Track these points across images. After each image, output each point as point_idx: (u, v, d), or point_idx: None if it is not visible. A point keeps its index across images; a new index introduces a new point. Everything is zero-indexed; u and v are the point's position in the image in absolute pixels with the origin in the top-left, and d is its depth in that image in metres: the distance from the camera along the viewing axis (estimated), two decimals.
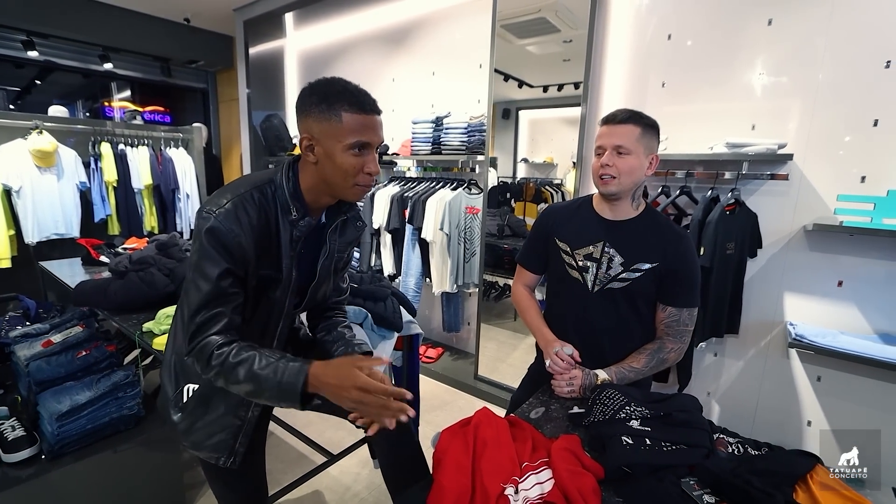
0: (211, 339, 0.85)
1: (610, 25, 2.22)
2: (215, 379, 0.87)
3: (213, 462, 1.00)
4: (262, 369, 0.82)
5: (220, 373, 0.85)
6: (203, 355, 0.85)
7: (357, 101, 0.86)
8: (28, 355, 1.66)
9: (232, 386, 0.86)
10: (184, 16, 4.52)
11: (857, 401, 1.80)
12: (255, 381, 0.82)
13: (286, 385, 0.81)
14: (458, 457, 0.77)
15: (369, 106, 0.87)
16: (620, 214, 1.24)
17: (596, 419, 0.93)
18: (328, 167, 0.89)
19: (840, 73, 1.71)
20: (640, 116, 1.17)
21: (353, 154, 0.87)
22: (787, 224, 1.87)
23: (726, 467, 0.79)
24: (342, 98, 0.85)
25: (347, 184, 0.90)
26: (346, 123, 0.85)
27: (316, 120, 0.87)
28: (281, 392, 0.81)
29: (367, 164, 0.89)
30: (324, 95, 0.86)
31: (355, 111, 0.85)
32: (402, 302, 1.78)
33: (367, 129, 0.87)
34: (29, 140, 3.03)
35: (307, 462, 1.97)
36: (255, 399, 0.89)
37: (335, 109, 0.85)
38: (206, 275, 0.84)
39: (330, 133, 0.86)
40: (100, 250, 2.49)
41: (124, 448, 1.51)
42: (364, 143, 0.87)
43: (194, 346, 0.85)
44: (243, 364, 0.83)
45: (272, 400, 0.85)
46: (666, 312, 1.21)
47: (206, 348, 0.84)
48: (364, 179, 0.90)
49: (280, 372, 0.82)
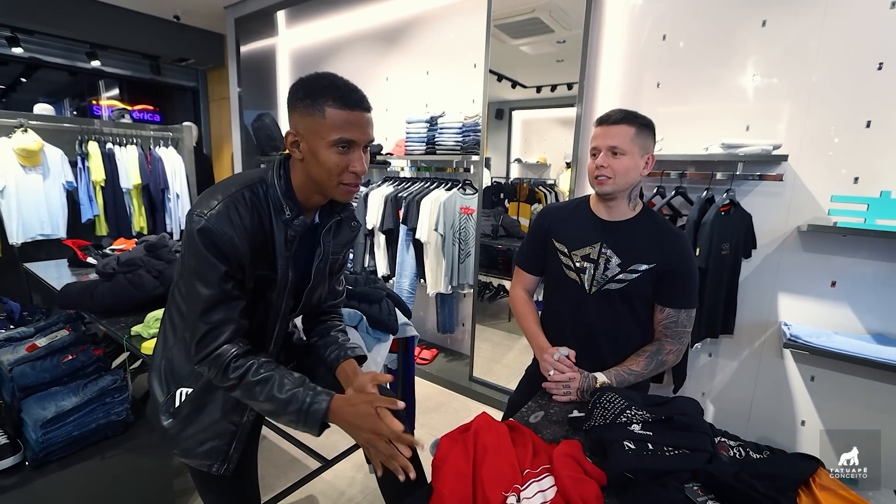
0: (223, 348, 0.84)
1: (605, 25, 2.21)
2: (230, 390, 0.87)
3: (205, 469, 0.97)
4: (283, 394, 0.84)
5: (237, 387, 0.86)
6: (217, 365, 0.84)
7: (341, 97, 0.82)
8: (11, 360, 1.62)
9: (248, 401, 0.87)
10: (174, 13, 4.45)
11: (850, 400, 1.81)
12: (275, 404, 0.84)
13: (306, 415, 0.83)
14: (457, 464, 0.75)
15: (355, 102, 0.84)
16: (617, 215, 1.23)
17: (596, 423, 0.91)
18: (313, 165, 0.86)
19: (833, 75, 1.72)
20: (635, 116, 1.16)
21: (336, 152, 0.84)
22: (781, 225, 1.88)
23: (729, 472, 0.79)
24: (327, 93, 0.82)
25: (332, 182, 0.87)
26: (329, 119, 0.82)
27: (301, 115, 0.84)
28: (300, 419, 0.84)
29: (353, 162, 0.85)
30: (309, 90, 0.83)
31: (339, 107, 0.82)
32: (398, 304, 1.76)
33: (352, 125, 0.83)
34: (13, 138, 2.96)
35: (300, 466, 1.94)
36: (270, 417, 0.90)
37: (319, 105, 0.82)
38: (206, 279, 0.82)
39: (314, 129, 0.83)
40: (87, 251, 2.43)
41: (112, 455, 1.47)
42: (348, 140, 0.83)
43: (206, 356, 0.84)
44: (263, 385, 0.84)
45: (289, 423, 0.86)
46: (664, 314, 1.20)
47: (219, 359, 0.84)
48: (349, 178, 0.87)
49: (301, 401, 0.84)
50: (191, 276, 0.83)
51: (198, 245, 0.81)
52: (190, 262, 0.83)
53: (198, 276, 0.82)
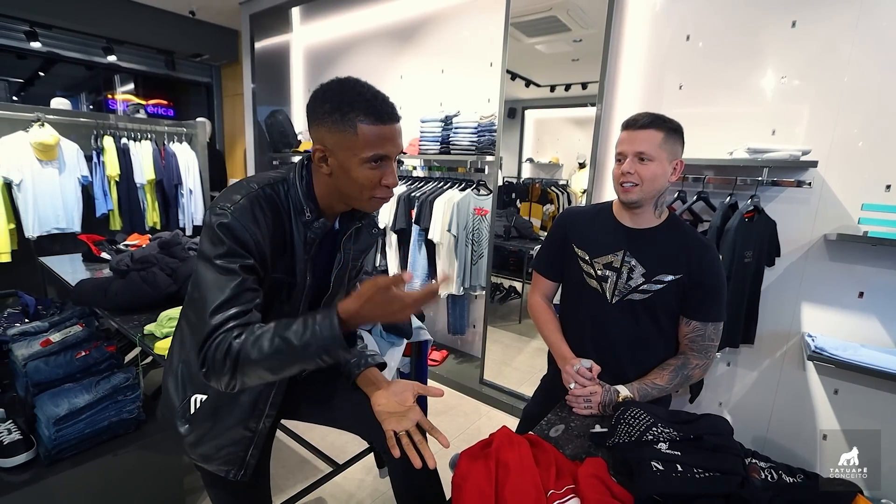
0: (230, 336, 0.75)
1: (626, 25, 2.16)
2: (230, 378, 0.76)
3: (222, 475, 0.96)
4: (290, 330, 0.75)
5: (237, 361, 0.74)
6: (218, 353, 0.74)
7: (374, 110, 0.79)
8: (26, 355, 1.62)
9: (254, 367, 0.75)
10: (189, 9, 4.46)
11: (876, 416, 1.75)
12: (286, 343, 0.74)
13: (322, 329, 0.73)
14: (479, 483, 0.73)
15: (387, 115, 0.80)
16: (642, 223, 1.19)
17: (621, 441, 0.88)
18: (343, 180, 0.83)
19: (867, 78, 1.66)
20: (663, 120, 1.11)
21: (370, 167, 0.81)
22: (807, 233, 1.82)
23: (763, 497, 0.75)
24: (357, 107, 0.78)
25: (364, 196, 0.84)
26: (361, 136, 0.78)
27: (329, 130, 0.80)
28: (315, 341, 0.74)
29: (386, 176, 0.83)
30: (337, 104, 0.79)
31: (372, 122, 0.78)
32: None
33: (386, 140, 0.80)
34: (30, 133, 2.98)
35: (310, 468, 1.93)
36: (286, 368, 0.78)
37: (350, 120, 0.78)
38: (228, 270, 0.77)
39: (345, 145, 0.79)
40: (101, 247, 2.44)
41: (124, 452, 1.47)
42: (382, 155, 0.81)
43: (209, 346, 0.75)
44: (266, 334, 0.75)
45: (308, 356, 0.75)
46: (690, 326, 1.16)
47: (221, 345, 0.74)
48: (382, 192, 0.84)
49: (310, 323, 0.74)
50: (209, 268, 0.79)
51: (220, 236, 0.78)
52: (210, 253, 0.79)
53: (218, 268, 0.78)
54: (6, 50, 4.21)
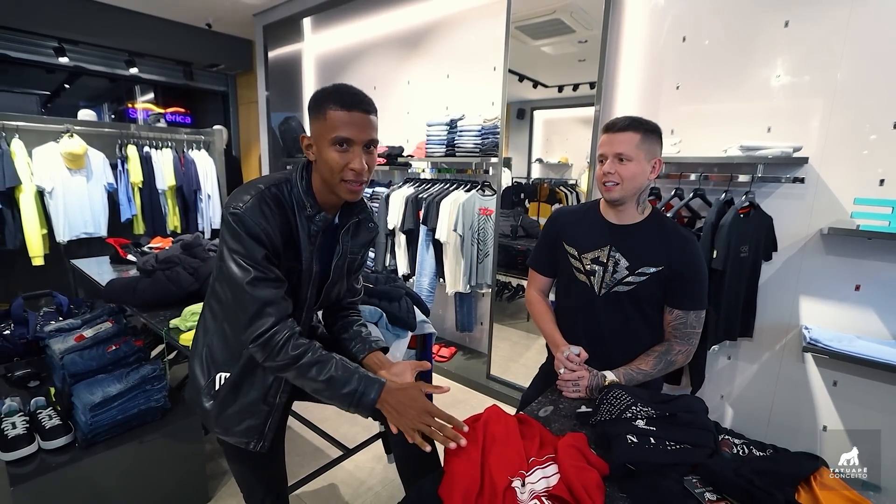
0: (277, 328, 0.90)
1: (624, 26, 2.22)
2: (282, 368, 0.92)
3: (242, 447, 1.06)
4: (340, 375, 0.91)
5: (291, 365, 0.91)
6: (272, 344, 0.90)
7: (341, 99, 0.91)
8: (63, 349, 1.76)
9: (300, 379, 0.93)
10: (206, 21, 4.65)
11: (875, 407, 1.78)
12: (331, 384, 0.91)
13: (360, 397, 0.90)
14: (468, 450, 0.81)
15: (354, 103, 0.92)
16: (626, 219, 1.26)
17: (602, 418, 0.95)
18: (321, 164, 0.95)
19: (859, 75, 1.69)
20: (640, 122, 1.18)
21: (336, 150, 0.92)
22: (803, 227, 1.86)
23: (729, 467, 0.81)
24: (330, 98, 0.92)
25: (335, 180, 0.94)
26: (329, 120, 0.91)
27: (312, 121, 0.95)
28: (353, 401, 0.90)
29: (351, 160, 0.93)
30: (318, 99, 0.93)
31: (338, 108, 0.91)
32: (416, 302, 1.82)
33: (349, 125, 0.91)
34: (61, 143, 3.16)
35: (323, 456, 2.03)
36: (321, 396, 0.95)
37: (323, 109, 0.92)
38: (250, 258, 0.89)
39: (320, 131, 0.93)
40: (127, 249, 2.59)
41: (151, 439, 1.58)
42: (345, 138, 0.91)
43: (260, 335, 0.89)
44: (322, 365, 0.92)
45: (342, 403, 0.92)
46: (673, 315, 1.23)
47: (275, 338, 0.90)
48: (349, 175, 0.94)
49: (358, 381, 0.91)
50: (232, 259, 0.90)
51: (237, 231, 0.89)
52: (231, 247, 0.90)
53: (241, 257, 0.89)
54: (36, 65, 4.44)
